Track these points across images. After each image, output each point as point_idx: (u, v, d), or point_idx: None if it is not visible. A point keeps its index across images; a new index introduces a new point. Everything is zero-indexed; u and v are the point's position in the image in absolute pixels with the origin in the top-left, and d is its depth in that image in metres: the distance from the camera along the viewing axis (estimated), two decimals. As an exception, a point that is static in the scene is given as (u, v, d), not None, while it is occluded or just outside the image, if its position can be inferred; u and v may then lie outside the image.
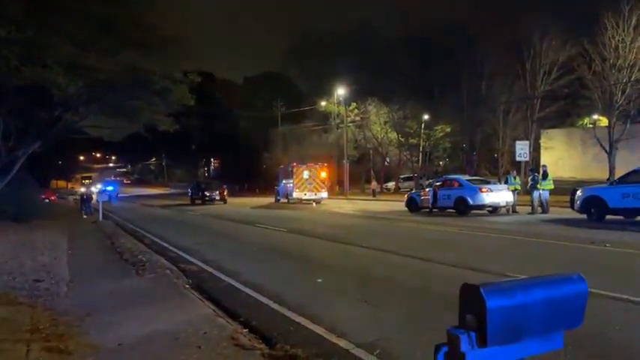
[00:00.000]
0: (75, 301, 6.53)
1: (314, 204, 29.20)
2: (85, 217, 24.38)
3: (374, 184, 40.66)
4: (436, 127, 42.49)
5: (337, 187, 43.20)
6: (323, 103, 47.52)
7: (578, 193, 14.82)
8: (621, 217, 13.81)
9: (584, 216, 14.40)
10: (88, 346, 4.55)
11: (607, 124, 27.98)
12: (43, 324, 5.21)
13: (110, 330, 5.09)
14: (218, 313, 5.63)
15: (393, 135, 44.07)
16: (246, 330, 5.01)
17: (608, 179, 22.18)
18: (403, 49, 41.42)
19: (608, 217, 13.82)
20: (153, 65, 18.06)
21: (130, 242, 12.96)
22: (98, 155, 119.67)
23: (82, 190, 42.21)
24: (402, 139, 43.37)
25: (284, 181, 32.96)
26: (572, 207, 15.13)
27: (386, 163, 49.01)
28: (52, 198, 48.33)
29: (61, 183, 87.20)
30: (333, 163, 42.19)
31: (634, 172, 13.87)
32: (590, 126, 34.69)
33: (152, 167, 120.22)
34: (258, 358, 4.20)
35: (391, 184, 47.33)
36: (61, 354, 4.36)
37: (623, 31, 24.81)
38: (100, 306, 6.17)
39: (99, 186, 52.40)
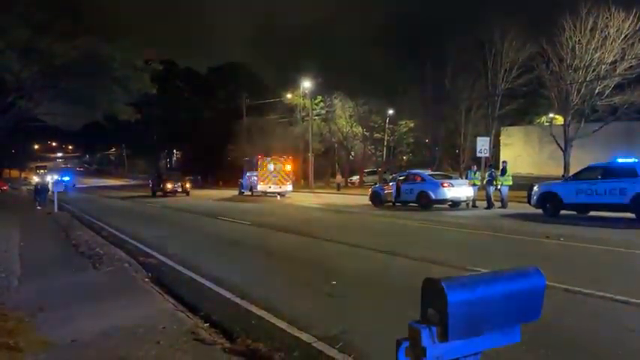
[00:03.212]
0: (27, 296, 6.26)
1: (278, 197, 29.07)
2: (39, 208, 23.42)
3: (339, 178, 40.84)
4: (400, 122, 43.05)
5: (302, 181, 43.17)
6: (289, 96, 47.27)
7: (535, 189, 15.32)
8: (574, 213, 14.39)
9: (541, 211, 14.90)
10: (39, 343, 4.36)
11: (563, 123, 29.03)
12: (-8, 319, 4.97)
13: (64, 326, 4.89)
14: (178, 308, 5.52)
15: (358, 129, 44.36)
16: (207, 324, 4.93)
17: (563, 176, 23.06)
18: (370, 44, 41.71)
19: (562, 212, 14.37)
20: (113, 51, 17.45)
21: (87, 235, 12.54)
22: (54, 144, 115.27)
23: (37, 179, 40.57)
24: (367, 134, 43.72)
25: (248, 174, 32.64)
26: (529, 202, 15.63)
27: (351, 157, 49.30)
28: (4, 188, 46.38)
29: (14, 172, 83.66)
30: (298, 156, 42.12)
31: (587, 169, 14.46)
32: (547, 124, 35.92)
33: (112, 157, 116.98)
34: (219, 353, 4.13)
35: (356, 178, 47.67)
36: (11, 351, 4.17)
37: (580, 32, 25.72)
38: (54, 301, 5.94)
39: (55, 176, 50.47)
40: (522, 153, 38.87)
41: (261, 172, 29.81)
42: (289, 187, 30.41)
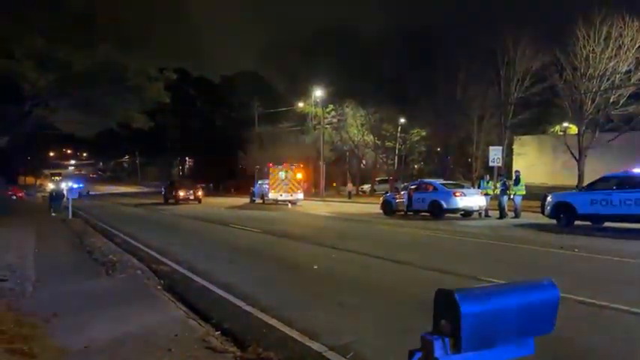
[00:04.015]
0: (41, 302, 6.33)
1: (289, 205, 29.10)
2: (53, 214, 23.71)
3: (350, 186, 40.80)
4: (412, 131, 42.94)
5: (313, 189, 43.18)
6: (300, 104, 47.48)
7: (549, 199, 15.15)
8: (589, 223, 14.20)
9: (554, 221, 14.73)
10: (53, 349, 4.41)
11: (577, 132, 28.74)
12: (7, 325, 5.03)
13: (77, 332, 4.94)
14: (190, 315, 5.54)
15: (370, 137, 44.31)
16: (219, 332, 4.94)
17: (577, 186, 22.79)
18: (381, 52, 41.81)
19: (576, 222, 14.18)
20: (127, 61, 17.74)
21: (100, 241, 12.66)
22: (69, 152, 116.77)
23: (52, 186, 41.06)
24: (379, 142, 43.65)
25: (260, 182, 32.75)
26: (542, 212, 15.46)
27: (362, 165, 49.21)
28: (20, 195, 47.00)
29: (30, 179, 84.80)
30: (309, 164, 42.17)
31: (601, 179, 14.28)
32: (561, 133, 35.58)
33: (125, 165, 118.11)
34: (230, 361, 4.14)
35: (367, 187, 47.54)
36: (25, 356, 4.22)
37: (594, 41, 25.53)
38: (67, 307, 6.00)
39: (69, 183, 51.11)
40: (536, 162, 38.46)
41: (272, 180, 29.91)
42: (300, 196, 30.45)
